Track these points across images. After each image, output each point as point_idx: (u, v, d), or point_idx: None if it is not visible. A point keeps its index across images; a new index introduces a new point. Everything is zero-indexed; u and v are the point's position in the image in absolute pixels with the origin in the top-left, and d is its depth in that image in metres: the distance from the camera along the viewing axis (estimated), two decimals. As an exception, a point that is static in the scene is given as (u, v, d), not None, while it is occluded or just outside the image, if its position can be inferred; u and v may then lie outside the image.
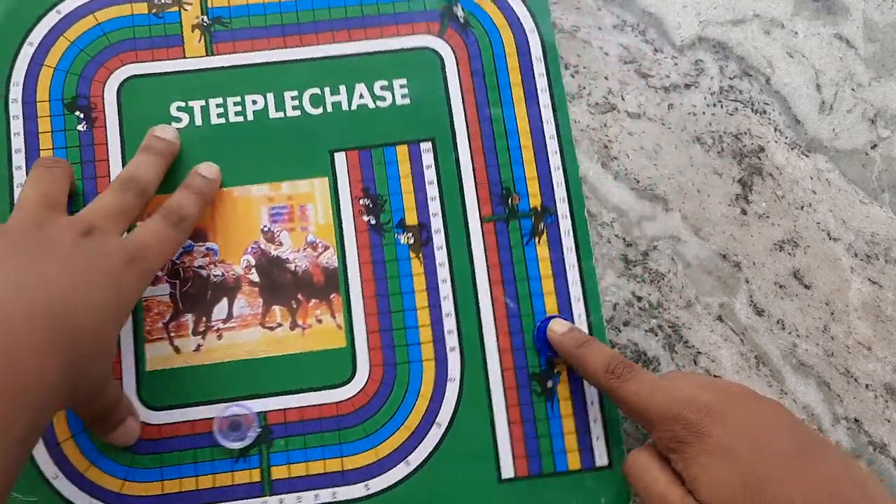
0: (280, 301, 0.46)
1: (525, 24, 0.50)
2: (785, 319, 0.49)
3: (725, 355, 0.48)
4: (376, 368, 0.46)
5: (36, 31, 0.48)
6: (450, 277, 0.47)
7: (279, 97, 0.48)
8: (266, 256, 0.47)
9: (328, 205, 0.47)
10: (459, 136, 0.48)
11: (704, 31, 0.53)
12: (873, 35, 0.53)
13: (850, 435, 0.47)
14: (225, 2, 0.49)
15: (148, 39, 0.48)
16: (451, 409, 0.45)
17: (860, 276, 0.50)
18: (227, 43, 0.49)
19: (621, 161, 0.50)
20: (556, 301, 0.47)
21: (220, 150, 0.47)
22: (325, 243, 0.47)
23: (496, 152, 0.48)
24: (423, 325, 0.46)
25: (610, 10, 0.52)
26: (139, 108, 0.47)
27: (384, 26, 0.49)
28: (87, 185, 0.46)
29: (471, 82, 0.49)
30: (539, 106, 0.49)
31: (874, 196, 0.51)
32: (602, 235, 0.49)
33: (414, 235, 0.47)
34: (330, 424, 0.45)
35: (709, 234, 0.50)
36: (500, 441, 0.45)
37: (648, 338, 0.48)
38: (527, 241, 0.48)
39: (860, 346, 0.49)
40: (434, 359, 0.46)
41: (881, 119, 0.52)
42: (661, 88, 0.51)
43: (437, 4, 0.50)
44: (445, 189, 0.48)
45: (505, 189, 0.48)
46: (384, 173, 0.48)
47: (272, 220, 0.47)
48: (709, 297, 0.49)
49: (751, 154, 0.51)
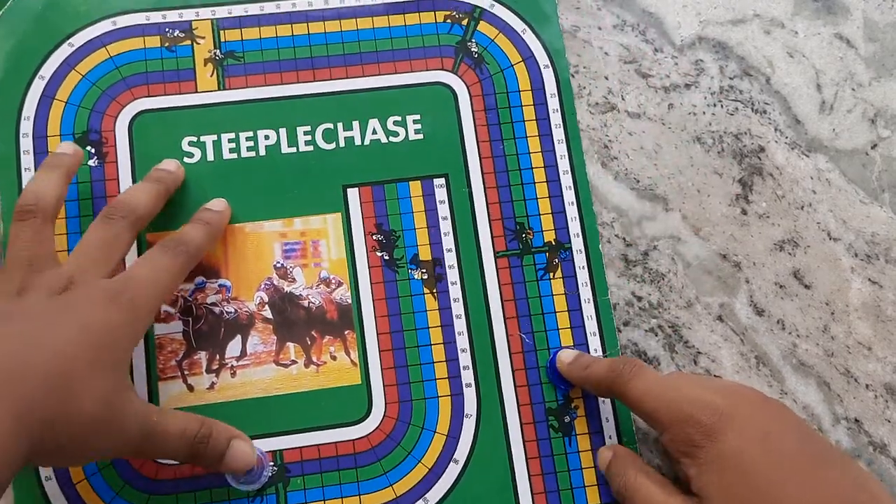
0: (294, 338, 0.46)
1: (539, 60, 0.50)
2: (785, 319, 0.49)
3: (725, 355, 0.48)
4: (392, 405, 0.45)
5: (48, 65, 0.47)
6: (464, 313, 0.47)
7: (292, 132, 0.48)
8: (279, 293, 0.46)
9: (341, 240, 0.47)
10: (473, 171, 0.48)
11: (704, 30, 0.53)
12: (873, 35, 0.54)
13: (850, 435, 0.48)
14: (238, 36, 0.49)
15: (160, 73, 0.48)
16: (469, 445, 0.45)
17: (860, 276, 0.50)
18: (239, 77, 0.48)
19: (621, 161, 0.50)
20: (571, 336, 0.47)
21: (231, 185, 0.47)
22: (338, 279, 0.47)
23: (510, 188, 0.49)
24: (439, 362, 0.46)
25: (610, 10, 0.52)
26: (151, 143, 0.47)
27: (398, 61, 0.49)
28: (99, 222, 0.45)
29: (484, 118, 0.49)
30: (553, 141, 0.49)
31: (874, 196, 0.51)
32: (602, 235, 0.49)
33: (428, 271, 0.47)
34: (347, 462, 0.44)
35: (709, 234, 0.50)
36: (519, 477, 0.45)
37: (648, 338, 0.48)
38: (541, 277, 0.48)
39: (860, 346, 0.49)
40: (450, 395, 0.46)
41: (881, 119, 0.53)
42: (661, 88, 0.52)
43: (451, 40, 0.50)
44: (459, 225, 0.48)
45: (519, 224, 0.48)
46: (397, 209, 0.48)
47: (285, 257, 0.47)
48: (709, 297, 0.49)
49: (751, 154, 0.51)
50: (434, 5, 0.50)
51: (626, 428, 0.46)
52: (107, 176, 0.46)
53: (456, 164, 0.49)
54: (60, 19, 0.48)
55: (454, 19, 0.50)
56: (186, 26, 0.49)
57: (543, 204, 0.48)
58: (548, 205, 0.48)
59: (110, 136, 0.47)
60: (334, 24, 0.49)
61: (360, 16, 0.50)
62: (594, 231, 0.48)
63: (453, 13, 0.50)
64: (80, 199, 0.46)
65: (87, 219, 0.45)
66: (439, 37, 0.50)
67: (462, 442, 0.45)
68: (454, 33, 0.50)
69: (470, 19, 0.50)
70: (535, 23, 0.51)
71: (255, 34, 0.49)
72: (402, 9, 0.50)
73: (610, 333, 0.47)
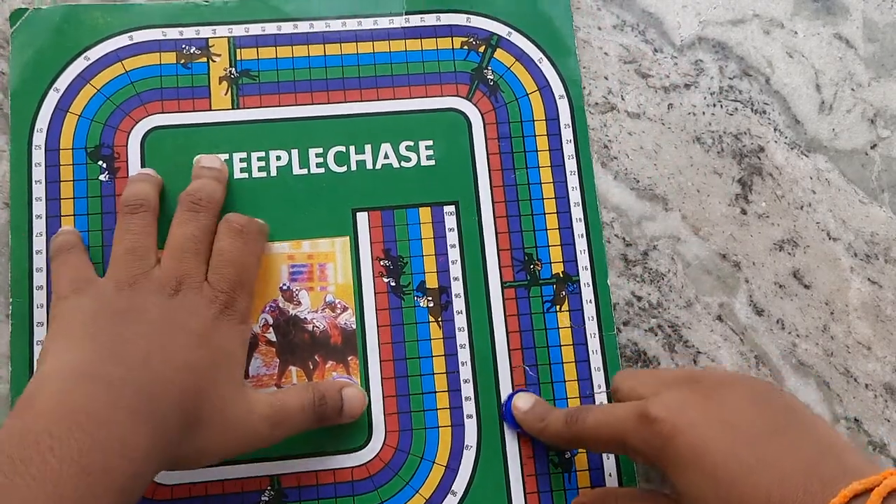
0: (297, 362, 0.46)
1: (555, 90, 0.50)
2: (785, 319, 0.49)
3: (725, 355, 0.48)
4: (392, 434, 0.45)
5: (63, 77, 0.47)
6: (469, 343, 0.46)
7: (304, 154, 0.48)
8: (284, 315, 0.46)
9: (348, 265, 0.47)
10: (483, 200, 0.48)
11: (704, 31, 0.53)
12: (873, 35, 0.54)
13: (850, 435, 0.48)
14: (254, 55, 0.49)
15: (175, 90, 0.48)
16: (468, 477, 0.45)
17: (860, 276, 0.50)
18: (253, 97, 0.48)
19: (621, 161, 0.50)
20: (575, 370, 0.47)
21: (241, 205, 0.47)
22: (343, 304, 0.47)
23: (520, 217, 0.48)
24: (441, 391, 0.46)
25: (610, 10, 0.52)
26: (162, 160, 0.47)
27: (413, 86, 0.49)
28: (107, 237, 0.46)
29: (497, 146, 0.49)
30: (565, 172, 0.49)
31: (874, 196, 0.51)
32: (602, 235, 0.49)
33: (434, 299, 0.47)
34: (344, 490, 0.44)
35: (709, 234, 0.50)
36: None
37: (648, 337, 0.48)
38: (548, 309, 0.47)
39: (860, 346, 0.49)
40: (451, 425, 0.45)
41: (881, 119, 0.53)
42: (661, 88, 0.51)
43: (467, 66, 0.50)
44: (467, 253, 0.48)
45: (527, 255, 0.48)
46: (406, 235, 0.47)
47: (291, 279, 0.47)
48: (709, 296, 0.49)
49: (751, 154, 0.51)
50: (451, 31, 0.50)
51: (626, 468, 0.45)
52: (117, 191, 0.46)
53: (467, 191, 0.48)
54: (77, 32, 0.48)
55: (471, 46, 0.50)
56: (203, 43, 0.48)
57: (553, 235, 0.48)
58: (557, 236, 0.48)
59: (122, 152, 0.47)
60: (351, 46, 0.49)
61: (378, 39, 0.50)
62: (603, 265, 0.48)
63: (470, 40, 0.50)
64: (90, 213, 0.46)
65: (96, 233, 0.46)
66: (455, 63, 0.50)
67: (461, 474, 0.45)
68: (471, 60, 0.50)
69: (487, 46, 0.50)
70: (553, 53, 0.50)
71: (271, 53, 0.49)
72: (420, 33, 0.50)
73: (615, 369, 0.47)
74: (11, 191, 0.46)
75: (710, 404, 0.37)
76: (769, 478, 0.33)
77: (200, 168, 0.46)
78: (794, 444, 0.35)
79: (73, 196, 0.46)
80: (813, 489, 0.32)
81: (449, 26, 0.50)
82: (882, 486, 0.31)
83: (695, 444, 0.35)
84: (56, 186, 0.46)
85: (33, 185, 0.46)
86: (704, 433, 0.36)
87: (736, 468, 0.34)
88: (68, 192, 0.46)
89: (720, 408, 0.37)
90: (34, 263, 0.45)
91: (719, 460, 0.35)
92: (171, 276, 0.41)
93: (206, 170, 0.45)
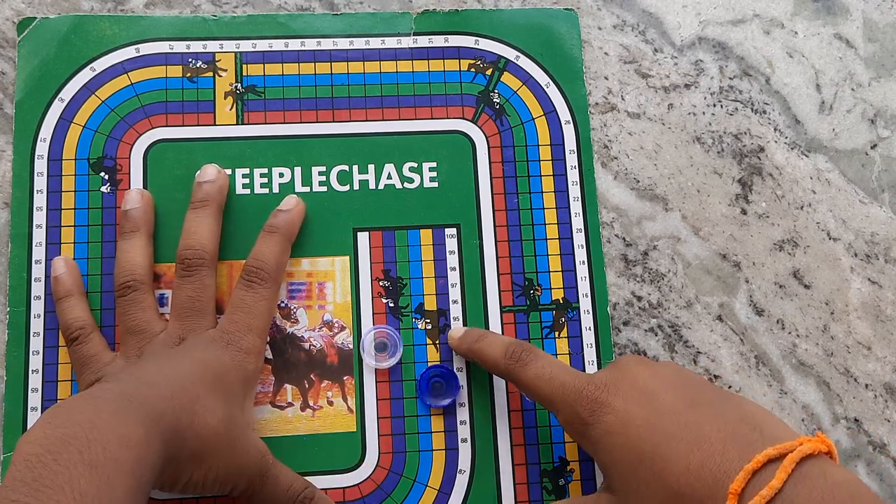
0: (292, 380, 0.45)
1: (561, 116, 0.50)
2: (785, 319, 0.49)
3: (725, 355, 0.48)
4: (385, 455, 0.45)
5: (68, 88, 0.47)
6: (465, 367, 0.46)
7: (307, 171, 0.48)
8: (281, 333, 0.46)
9: (347, 284, 0.47)
10: (485, 223, 0.48)
11: (704, 31, 0.53)
12: (873, 35, 0.54)
13: (850, 435, 0.48)
14: (260, 71, 0.49)
15: (179, 103, 0.48)
16: (460, 501, 0.45)
17: (860, 276, 0.50)
18: (258, 112, 0.48)
19: (621, 161, 0.50)
20: (571, 398, 0.46)
21: (242, 221, 0.47)
22: (341, 323, 0.46)
23: (521, 242, 0.48)
24: (436, 414, 0.46)
25: (610, 10, 0.52)
26: (165, 173, 0.47)
27: (419, 107, 0.49)
28: (106, 249, 0.45)
29: (501, 170, 0.49)
30: (569, 198, 0.49)
31: (874, 196, 0.51)
32: (602, 235, 0.49)
33: (432, 322, 0.47)
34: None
35: (709, 234, 0.50)
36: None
37: (648, 337, 0.48)
38: (546, 335, 0.47)
39: (860, 346, 0.49)
40: (445, 449, 0.45)
41: (881, 119, 0.53)
42: (661, 88, 0.51)
43: (473, 89, 0.50)
44: (467, 276, 0.47)
45: (528, 280, 0.48)
46: (406, 256, 0.47)
47: (290, 296, 0.46)
48: (709, 296, 0.49)
49: (751, 154, 0.51)
50: (459, 53, 0.50)
51: (620, 498, 0.45)
52: (118, 203, 0.46)
53: (469, 214, 0.48)
54: (84, 43, 0.48)
55: (478, 69, 0.50)
56: (209, 58, 0.48)
57: (554, 261, 0.48)
58: (558, 262, 0.48)
59: (125, 164, 0.47)
60: (358, 65, 0.49)
61: (385, 59, 0.49)
62: (603, 292, 0.48)
63: (478, 62, 0.50)
64: (90, 224, 0.46)
65: (96, 245, 0.45)
66: (462, 85, 0.50)
67: (453, 498, 0.45)
68: (477, 82, 0.50)
69: (494, 69, 0.50)
70: (560, 78, 0.50)
71: (277, 70, 0.49)
72: (427, 54, 0.50)
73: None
74: (13, 200, 0.46)
75: (637, 382, 0.39)
76: (688, 442, 0.35)
77: (198, 186, 0.45)
78: (716, 414, 0.36)
79: (74, 206, 0.46)
80: (730, 454, 0.33)
81: (457, 48, 0.50)
82: (795, 452, 0.32)
83: (620, 418, 0.37)
84: (57, 196, 0.46)
85: (35, 194, 0.46)
86: (629, 408, 0.37)
87: (659, 437, 0.36)
88: (69, 203, 0.46)
89: (645, 384, 0.38)
90: (32, 273, 0.45)
91: (643, 431, 0.36)
92: (176, 335, 0.42)
93: (207, 184, 0.45)
